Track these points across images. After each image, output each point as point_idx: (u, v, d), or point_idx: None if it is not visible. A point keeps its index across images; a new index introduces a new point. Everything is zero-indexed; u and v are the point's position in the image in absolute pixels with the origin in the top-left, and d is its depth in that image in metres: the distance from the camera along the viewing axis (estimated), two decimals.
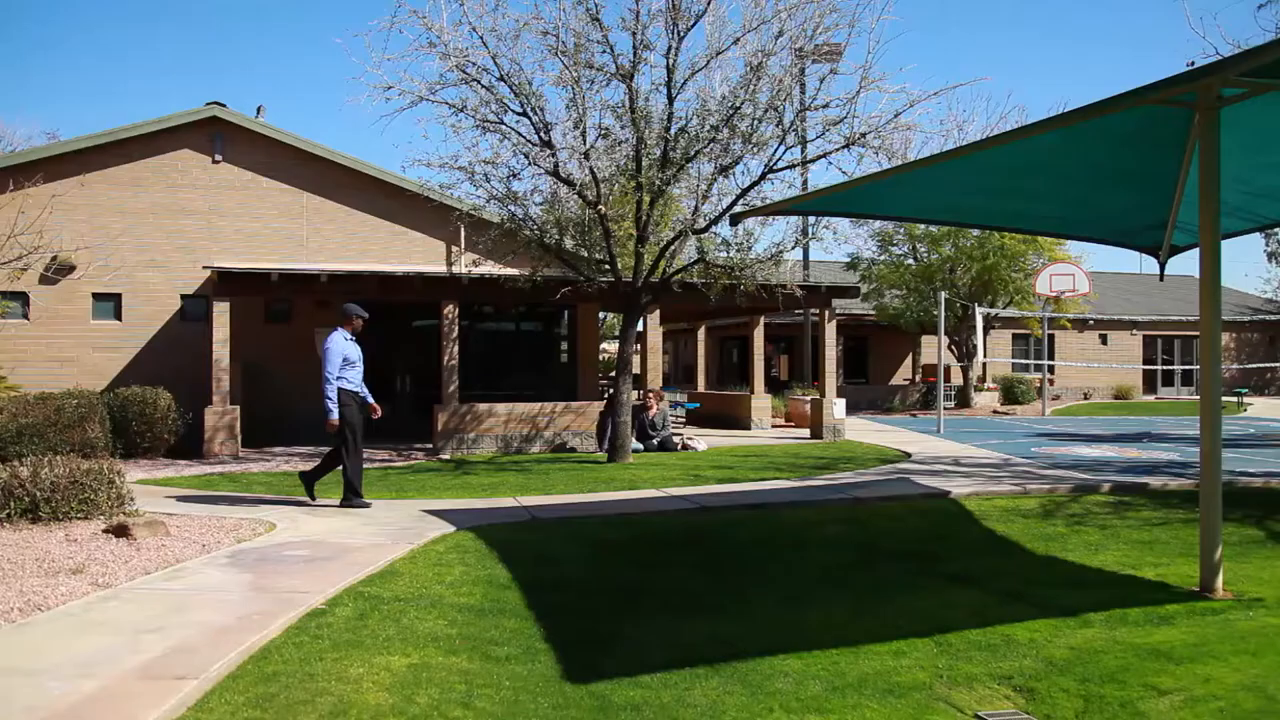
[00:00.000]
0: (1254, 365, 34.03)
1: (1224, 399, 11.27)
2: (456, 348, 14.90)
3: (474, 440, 14.64)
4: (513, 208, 13.24)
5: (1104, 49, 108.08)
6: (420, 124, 36.95)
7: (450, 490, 10.31)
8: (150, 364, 16.00)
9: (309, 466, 10.21)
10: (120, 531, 7.10)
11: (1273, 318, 32.97)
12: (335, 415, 8.99)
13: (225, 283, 14.42)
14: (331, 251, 17.27)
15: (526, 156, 12.60)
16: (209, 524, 7.86)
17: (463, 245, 17.10)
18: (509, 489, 10.29)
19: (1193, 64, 7.71)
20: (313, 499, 9.36)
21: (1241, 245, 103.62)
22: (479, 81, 12.10)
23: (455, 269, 17.18)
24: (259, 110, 18.69)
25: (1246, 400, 29.21)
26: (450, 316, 14.86)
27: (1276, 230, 37.58)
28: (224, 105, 16.98)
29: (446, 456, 13.99)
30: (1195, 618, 5.33)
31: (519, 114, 12.29)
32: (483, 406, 14.86)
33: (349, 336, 9.29)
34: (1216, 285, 5.86)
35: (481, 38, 11.87)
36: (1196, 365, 28.65)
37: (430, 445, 14.91)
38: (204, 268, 15.61)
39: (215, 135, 16.84)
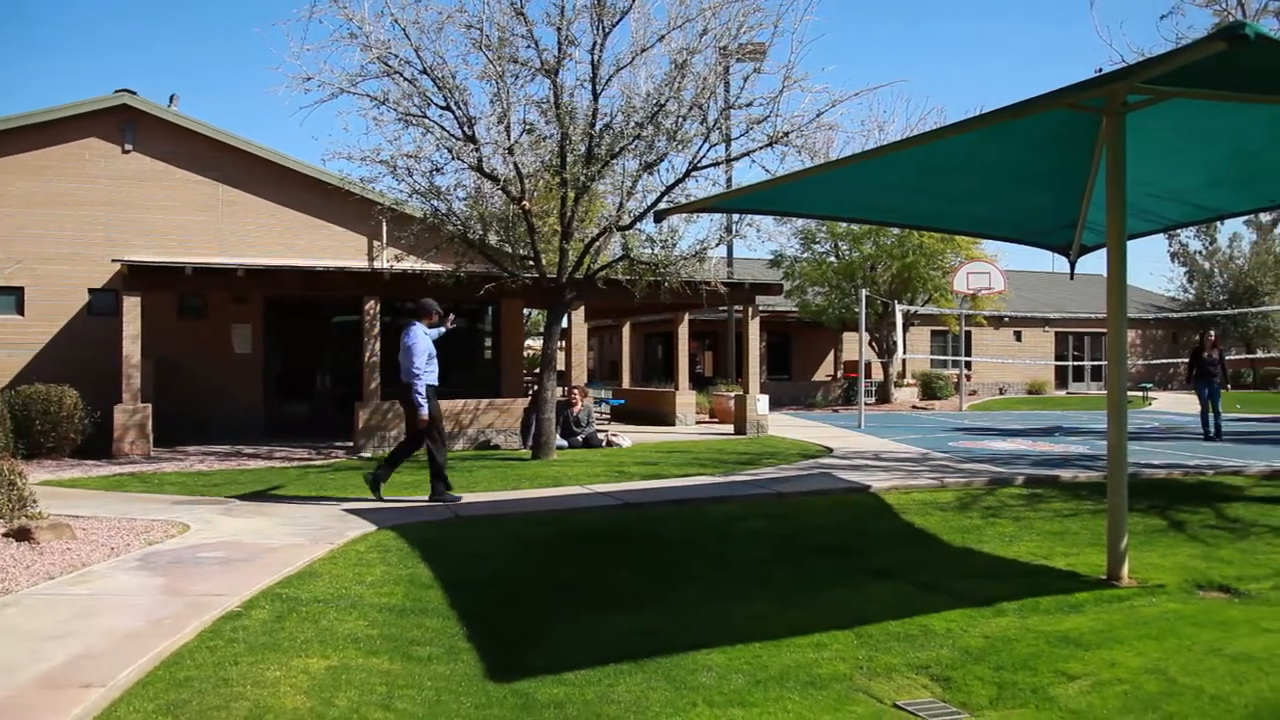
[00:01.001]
0: (1159, 361, 35.38)
1: (1130, 394, 11.70)
2: (378, 344, 14.64)
3: (396, 438, 14.39)
4: (436, 203, 13.08)
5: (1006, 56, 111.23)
6: (341, 116, 36.58)
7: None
8: (55, 361, 15.38)
9: (225, 466, 9.94)
10: (22, 535, 6.81)
11: (1176, 315, 34.32)
12: (425, 411, 8.99)
13: (136, 276, 13.93)
14: (250, 245, 16.82)
15: (450, 151, 12.46)
16: (118, 526, 7.58)
17: (385, 240, 16.82)
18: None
19: (1100, 70, 7.97)
20: (382, 498, 9.14)
21: (1147, 245, 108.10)
22: (401, 74, 11.93)
23: (377, 264, 16.91)
24: (172, 99, 18.14)
25: (1151, 395, 30.35)
26: (372, 313, 14.61)
27: (1179, 231, 39.10)
28: (134, 93, 16.41)
29: (368, 455, 13.75)
30: (1103, 605, 5.52)
31: (442, 108, 12.15)
32: None
33: (428, 330, 9.20)
34: (1123, 284, 6.07)
35: (404, 30, 11.71)
36: (1105, 361, 29.69)
37: (351, 444, 14.63)
38: (113, 261, 15.07)
39: (125, 124, 16.27)
